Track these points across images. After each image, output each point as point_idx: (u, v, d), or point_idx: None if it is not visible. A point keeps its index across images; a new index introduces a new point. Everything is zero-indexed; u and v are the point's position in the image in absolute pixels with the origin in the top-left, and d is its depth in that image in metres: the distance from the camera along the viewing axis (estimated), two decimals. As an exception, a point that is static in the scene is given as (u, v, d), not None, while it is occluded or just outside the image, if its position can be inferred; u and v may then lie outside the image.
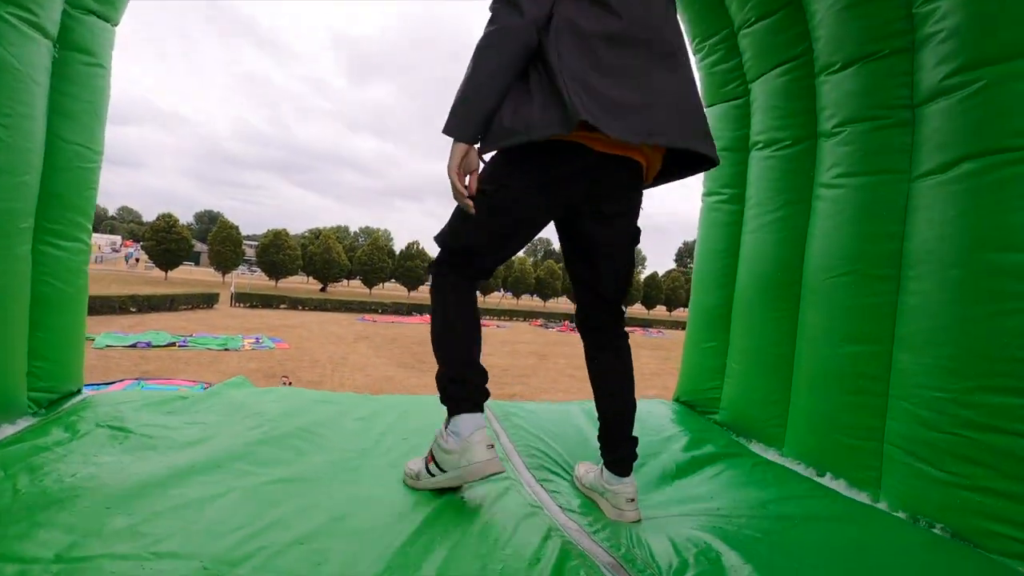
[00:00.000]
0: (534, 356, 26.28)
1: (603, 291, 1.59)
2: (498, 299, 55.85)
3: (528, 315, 46.56)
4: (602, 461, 1.64)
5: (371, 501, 1.31)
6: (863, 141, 1.87)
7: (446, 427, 1.43)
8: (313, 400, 2.06)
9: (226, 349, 20.69)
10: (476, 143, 1.36)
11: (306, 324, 30.52)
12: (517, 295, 55.08)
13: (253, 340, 22.70)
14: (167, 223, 41.07)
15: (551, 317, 46.54)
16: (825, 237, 2.00)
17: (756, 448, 2.23)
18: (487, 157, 1.44)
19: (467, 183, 1.38)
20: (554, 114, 1.26)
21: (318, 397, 2.14)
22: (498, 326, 39.92)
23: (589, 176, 1.40)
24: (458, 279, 1.51)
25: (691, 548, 1.29)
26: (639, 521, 1.54)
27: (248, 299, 36.05)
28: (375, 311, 40.08)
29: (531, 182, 1.39)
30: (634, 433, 1.64)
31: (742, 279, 2.45)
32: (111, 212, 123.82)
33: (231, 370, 17.09)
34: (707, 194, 2.76)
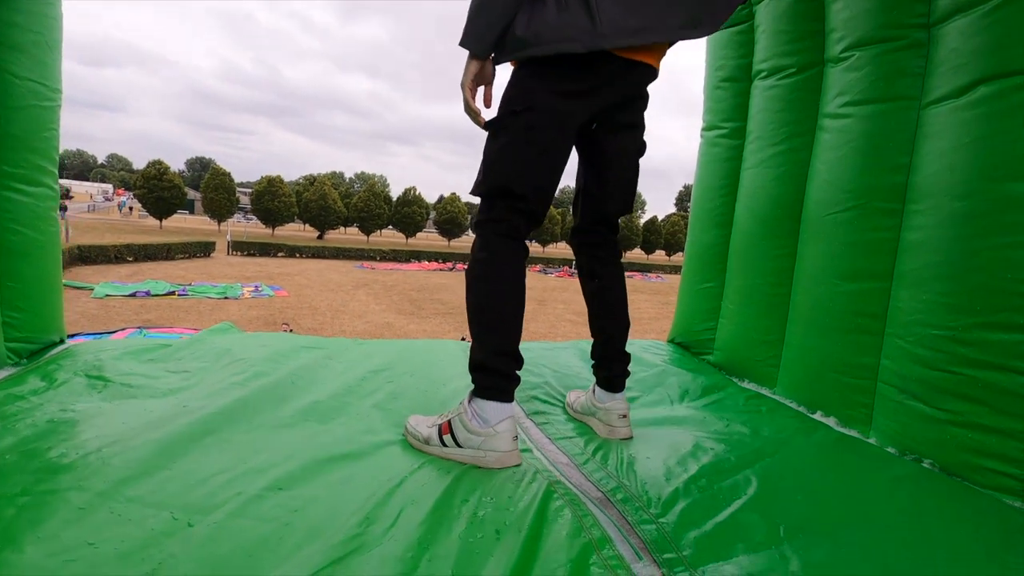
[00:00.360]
0: (533, 302, 26.44)
1: (611, 203, 1.59)
2: (496, 244, 55.58)
3: (527, 261, 46.61)
4: (594, 381, 1.67)
5: (353, 447, 1.29)
6: (873, 65, 1.75)
7: (470, 402, 1.35)
8: (300, 345, 2.02)
9: (226, 297, 20.78)
10: (491, 56, 1.32)
11: (304, 272, 30.51)
12: (516, 240, 54.86)
13: (252, 288, 22.76)
14: (158, 170, 40.27)
15: (549, 263, 46.52)
16: (828, 170, 1.90)
17: (749, 387, 2.22)
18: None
19: (479, 96, 1.35)
20: (575, 23, 1.22)
21: (306, 342, 2.10)
22: (497, 271, 40.06)
23: (612, 83, 1.37)
24: (505, 239, 1.38)
25: (682, 475, 1.28)
26: (631, 438, 1.57)
27: (245, 247, 35.87)
28: (373, 258, 39.99)
29: (558, 94, 1.32)
30: (628, 369, 1.66)
31: (740, 217, 2.37)
32: (101, 159, 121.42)
33: (232, 318, 17.20)
34: (706, 128, 2.63)
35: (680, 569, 0.95)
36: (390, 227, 51.57)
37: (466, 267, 1.43)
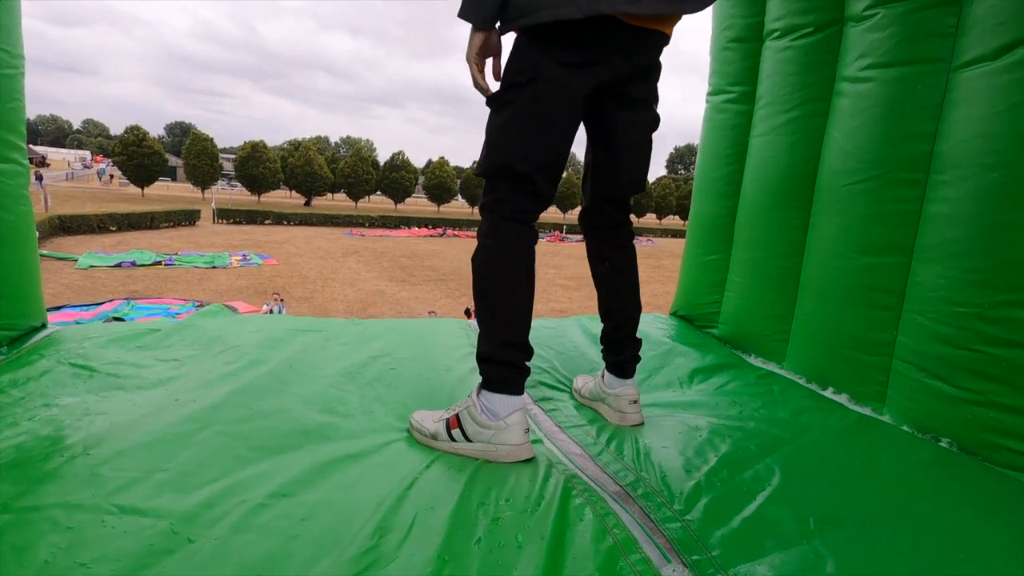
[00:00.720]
0: (524, 266, 26.46)
1: (622, 182, 1.51)
2: (487, 209, 55.05)
3: (517, 225, 46.26)
4: (603, 366, 1.62)
5: (358, 445, 1.22)
6: (900, 24, 1.64)
7: (478, 395, 1.29)
8: (295, 329, 1.94)
9: (213, 267, 20.49)
10: (496, 25, 1.23)
11: (293, 239, 30.11)
12: (506, 205, 54.30)
13: (240, 257, 22.45)
14: (137, 136, 39.04)
15: (541, 227, 46.27)
16: (846, 138, 1.81)
17: (755, 362, 2.18)
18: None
19: (488, 70, 1.29)
20: None
21: (300, 325, 2.02)
22: (487, 237, 39.83)
23: (622, 53, 1.27)
24: (511, 223, 1.30)
25: (702, 466, 1.24)
26: (642, 424, 1.53)
27: (231, 215, 35.22)
28: (362, 224, 39.49)
29: (563, 64, 1.23)
30: (639, 353, 1.61)
31: (748, 187, 2.28)
32: (76, 125, 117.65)
33: (221, 288, 17.03)
34: (712, 93, 2.51)
35: (711, 572, 0.91)
36: (378, 193, 50.78)
37: (472, 255, 1.34)
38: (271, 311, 10.80)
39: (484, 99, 1.31)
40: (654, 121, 1.49)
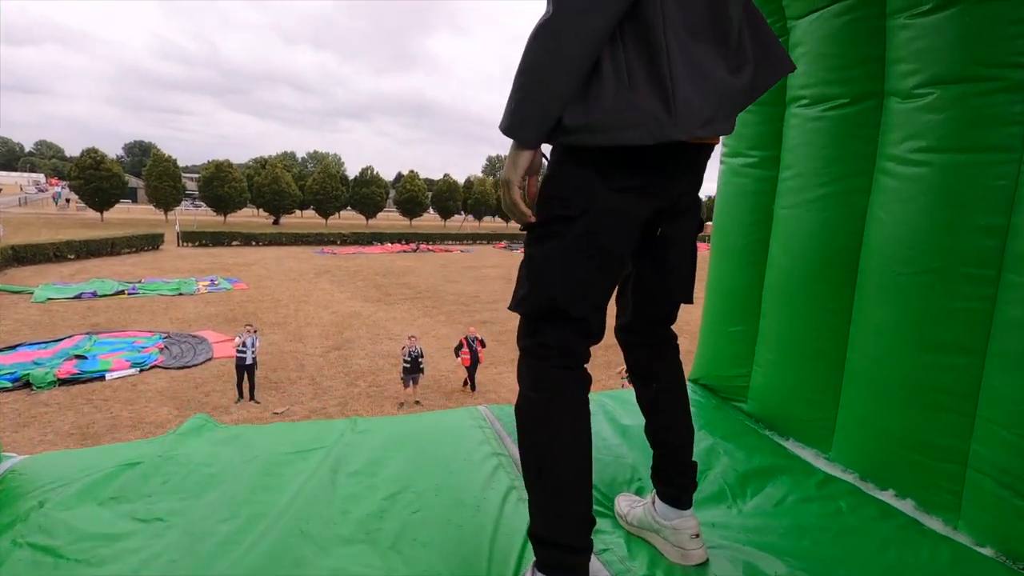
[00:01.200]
0: (501, 280, 26.17)
1: (672, 297, 1.33)
2: (459, 222, 54.73)
3: (491, 237, 46.05)
4: (653, 491, 1.43)
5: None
6: (959, 108, 1.50)
7: None
8: (293, 451, 1.69)
9: (180, 294, 19.71)
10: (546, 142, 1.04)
11: (262, 261, 29.28)
12: (479, 217, 54.08)
13: (208, 282, 21.66)
14: (94, 160, 37.61)
15: (515, 238, 46.14)
16: (897, 222, 1.67)
17: (794, 447, 2.02)
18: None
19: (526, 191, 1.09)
20: (643, 107, 0.95)
21: (298, 440, 1.77)
22: (462, 251, 39.45)
23: (683, 170, 1.13)
24: (561, 370, 1.11)
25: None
26: (707, 562, 1.34)
27: (196, 237, 34.13)
28: (334, 242, 38.73)
29: (623, 189, 1.05)
30: (696, 480, 1.43)
31: (778, 259, 2.14)
32: (28, 147, 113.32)
33: (188, 317, 16.38)
34: (730, 155, 2.37)
35: None
36: (349, 208, 50.06)
37: (514, 404, 1.15)
38: (243, 343, 10.32)
39: (524, 227, 1.12)
40: (701, 223, 1.32)
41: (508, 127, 1.00)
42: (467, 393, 11.29)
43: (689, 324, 2.08)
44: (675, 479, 1.39)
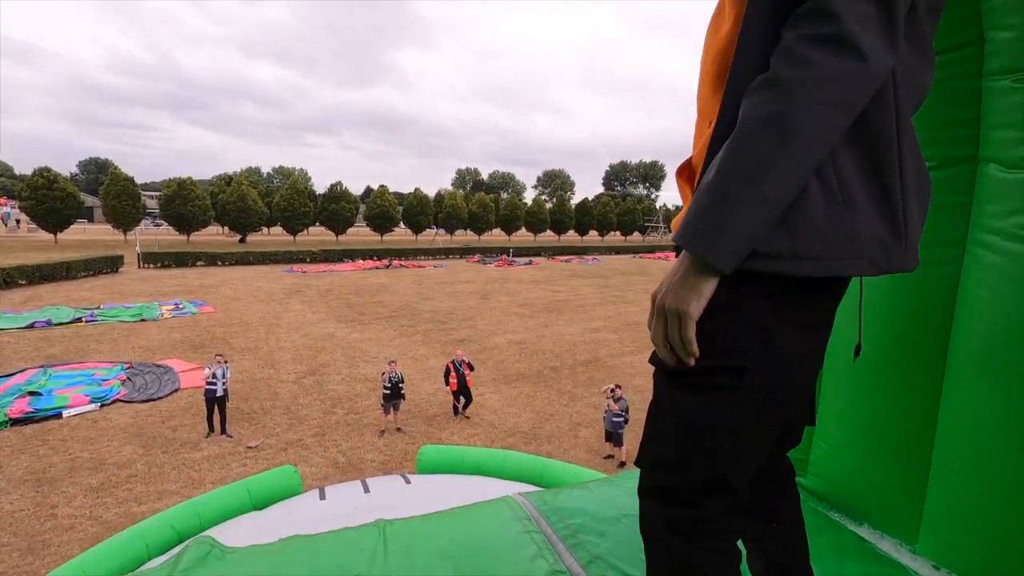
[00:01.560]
0: (476, 296, 25.94)
1: (800, 424, 1.16)
2: (431, 236, 54.32)
3: (464, 251, 45.79)
4: None
5: None
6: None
7: None
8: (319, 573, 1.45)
9: (142, 320, 18.84)
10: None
11: (229, 281, 28.37)
12: (451, 231, 53.80)
13: (172, 306, 20.80)
14: (46, 179, 36.06)
15: (487, 252, 45.99)
16: (1002, 302, 1.50)
17: (867, 535, 1.86)
18: None
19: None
20: (865, 229, 0.78)
21: (327, 569, 1.53)
22: (435, 265, 39.06)
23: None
24: (722, 555, 0.89)
25: None
26: None
27: (158, 259, 32.90)
28: (303, 260, 37.86)
29: (804, 327, 0.86)
30: None
31: (846, 325, 1.97)
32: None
33: (152, 344, 15.64)
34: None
35: None
36: (317, 224, 49.18)
37: None
38: (213, 374, 9.83)
39: (679, 366, 0.85)
40: None
41: (700, 243, 0.75)
42: (452, 418, 10.99)
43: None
44: None
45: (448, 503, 5.29)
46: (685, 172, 0.96)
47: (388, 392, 9.99)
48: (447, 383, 11.09)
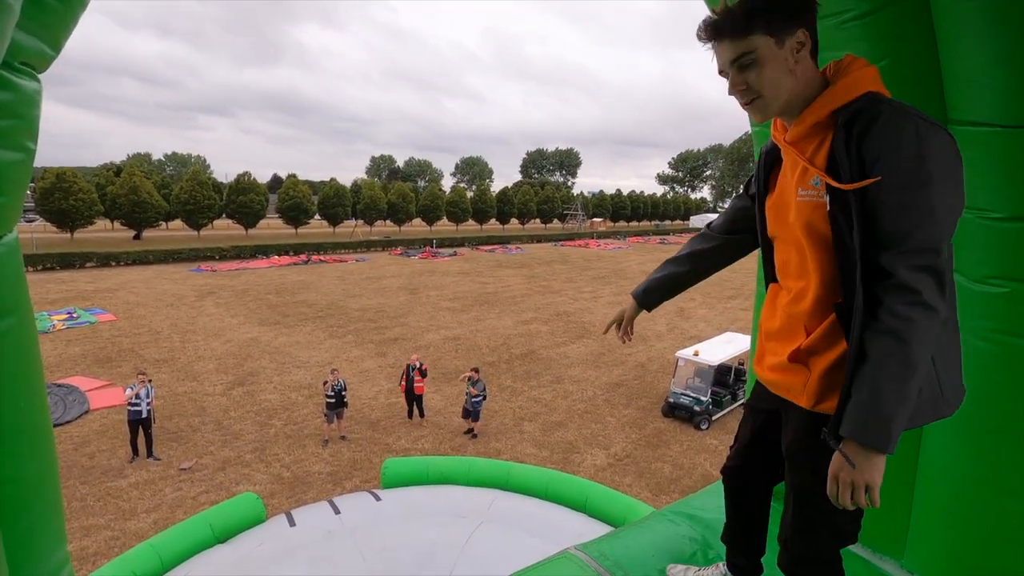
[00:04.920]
0: (404, 291, 25.45)
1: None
2: (351, 228, 52.47)
3: (386, 244, 44.59)
4: None
5: None
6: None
7: None
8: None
9: (31, 333, 16.87)
10: None
11: (128, 284, 25.92)
12: (370, 222, 52.24)
13: (65, 315, 18.78)
14: None
15: (410, 244, 45.12)
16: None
17: (864, 554, 1.99)
18: None
19: None
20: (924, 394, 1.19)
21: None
22: (357, 259, 37.73)
23: None
24: None
25: None
26: None
27: (39, 260, 29.44)
28: (212, 257, 35.26)
29: None
30: None
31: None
32: None
33: (47, 361, 14.09)
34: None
35: None
36: (224, 218, 46.00)
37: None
38: (136, 395, 9.08)
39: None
40: None
41: (863, 434, 1.06)
42: (396, 422, 10.88)
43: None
44: None
45: (424, 518, 5.28)
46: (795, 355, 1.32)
47: (332, 401, 9.73)
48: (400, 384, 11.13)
